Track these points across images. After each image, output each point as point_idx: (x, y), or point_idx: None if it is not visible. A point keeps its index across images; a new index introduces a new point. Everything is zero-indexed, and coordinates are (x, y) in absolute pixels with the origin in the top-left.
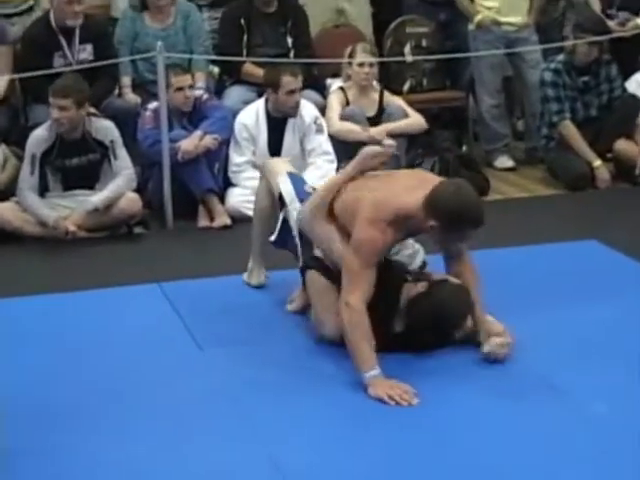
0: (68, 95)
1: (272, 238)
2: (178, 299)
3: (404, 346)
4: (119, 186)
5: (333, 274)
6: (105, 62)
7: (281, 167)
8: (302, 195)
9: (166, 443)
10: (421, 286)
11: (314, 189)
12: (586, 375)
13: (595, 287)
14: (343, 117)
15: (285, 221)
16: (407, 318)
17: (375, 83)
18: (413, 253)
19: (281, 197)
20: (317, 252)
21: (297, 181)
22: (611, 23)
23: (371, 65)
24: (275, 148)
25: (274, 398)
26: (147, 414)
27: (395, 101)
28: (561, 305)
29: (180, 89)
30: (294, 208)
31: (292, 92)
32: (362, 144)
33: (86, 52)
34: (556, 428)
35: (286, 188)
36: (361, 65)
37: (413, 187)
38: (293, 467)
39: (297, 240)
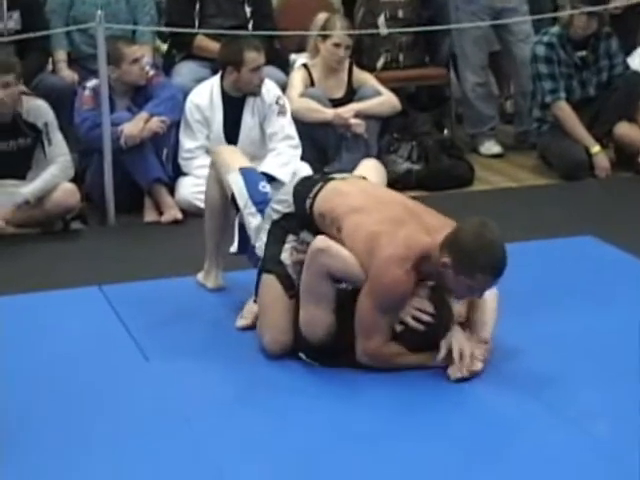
0: (10, 70)
1: (232, 249)
2: (121, 303)
3: None
4: (54, 175)
5: (292, 284)
6: (36, 34)
7: (233, 161)
8: (257, 197)
9: (109, 464)
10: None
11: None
12: (581, 387)
13: (591, 288)
14: None
15: (242, 227)
16: None
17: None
18: None
19: (234, 199)
20: (284, 257)
21: (251, 179)
22: None
23: (347, 47)
24: (232, 132)
25: (225, 415)
26: (87, 432)
27: (367, 81)
28: (553, 308)
29: (136, 60)
30: (250, 213)
31: (257, 69)
32: (326, 126)
33: (13, 21)
34: (545, 448)
35: (239, 189)
36: (337, 45)
37: (433, 227)
38: None
39: (257, 250)
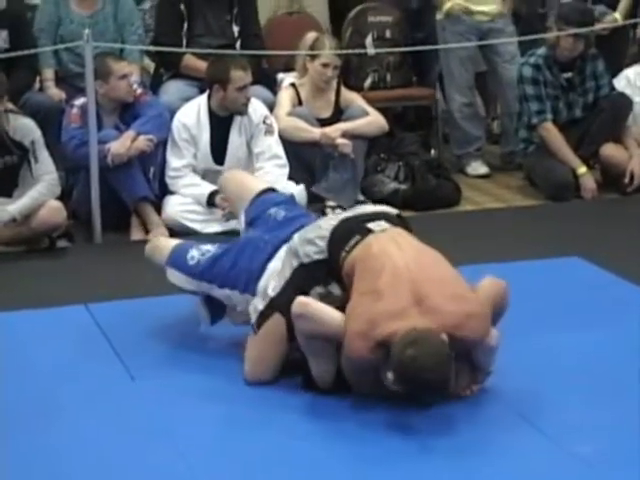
0: None
1: (204, 326)
2: (108, 322)
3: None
4: (40, 193)
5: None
6: (24, 52)
7: (163, 253)
8: (195, 272)
9: None
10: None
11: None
12: (568, 410)
13: (578, 309)
14: None
15: (207, 299)
16: None
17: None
18: None
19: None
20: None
21: (180, 264)
22: None
23: (336, 67)
24: (219, 150)
25: (212, 435)
26: (73, 451)
27: (355, 100)
28: (540, 329)
29: (124, 76)
30: (207, 290)
31: (243, 88)
32: (313, 145)
33: (1, 39)
34: (535, 472)
35: (181, 283)
36: (326, 65)
37: (435, 309)
38: None
39: (239, 308)
